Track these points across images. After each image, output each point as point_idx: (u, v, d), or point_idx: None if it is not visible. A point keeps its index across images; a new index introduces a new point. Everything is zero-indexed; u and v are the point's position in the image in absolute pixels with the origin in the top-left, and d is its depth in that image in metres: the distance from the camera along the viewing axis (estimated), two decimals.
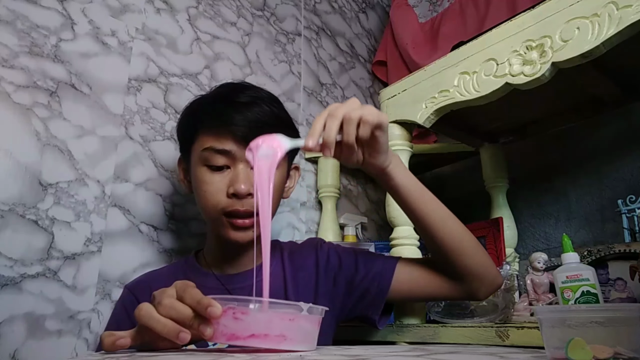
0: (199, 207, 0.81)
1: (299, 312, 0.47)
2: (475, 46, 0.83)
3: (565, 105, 1.01)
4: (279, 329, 0.46)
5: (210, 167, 0.76)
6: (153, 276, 0.83)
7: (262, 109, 0.76)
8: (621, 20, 0.64)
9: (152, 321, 0.48)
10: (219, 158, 0.75)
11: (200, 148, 0.76)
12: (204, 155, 0.76)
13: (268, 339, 0.45)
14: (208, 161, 0.76)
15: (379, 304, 0.79)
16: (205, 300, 0.47)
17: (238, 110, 0.75)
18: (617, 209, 0.96)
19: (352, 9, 1.63)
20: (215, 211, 0.76)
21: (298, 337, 0.47)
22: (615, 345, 0.36)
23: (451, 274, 0.75)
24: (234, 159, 0.75)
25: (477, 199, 1.22)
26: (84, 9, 0.95)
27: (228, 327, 0.46)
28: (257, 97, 0.78)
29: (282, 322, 0.46)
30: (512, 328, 0.71)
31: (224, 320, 0.46)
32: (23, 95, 0.84)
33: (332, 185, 1.26)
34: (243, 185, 0.73)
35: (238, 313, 0.46)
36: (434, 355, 0.46)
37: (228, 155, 0.75)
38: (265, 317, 0.46)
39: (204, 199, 0.77)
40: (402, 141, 0.95)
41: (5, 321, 0.76)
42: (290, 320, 0.47)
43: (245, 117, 0.74)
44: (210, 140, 0.76)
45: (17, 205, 0.80)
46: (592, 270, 0.68)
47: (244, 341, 0.45)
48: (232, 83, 0.84)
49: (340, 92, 1.49)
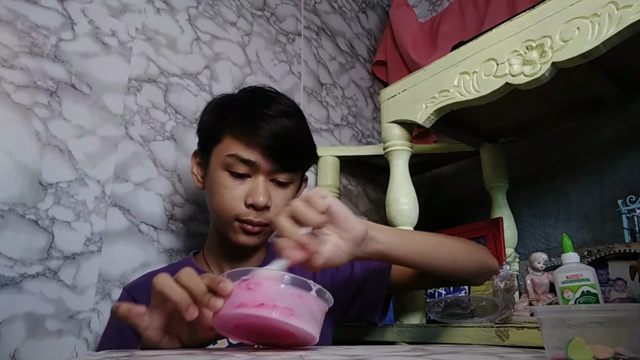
0: (211, 207, 0.81)
1: (308, 292, 0.48)
2: (475, 46, 0.83)
3: (565, 105, 1.01)
4: (288, 302, 0.46)
5: (232, 173, 0.77)
6: (151, 277, 0.83)
7: (289, 123, 0.77)
8: (621, 20, 0.64)
9: (169, 289, 0.49)
10: (242, 166, 0.76)
11: (225, 152, 0.77)
12: (228, 161, 0.76)
13: (276, 309, 0.45)
14: (231, 167, 0.77)
15: (377, 303, 0.79)
16: (218, 277, 0.48)
17: (268, 121, 0.76)
18: (617, 209, 0.96)
19: (352, 9, 1.63)
20: (229, 216, 0.77)
21: (305, 316, 0.47)
22: (615, 345, 0.36)
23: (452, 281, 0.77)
24: (256, 170, 0.77)
25: (477, 199, 1.22)
26: (84, 9, 0.95)
27: (238, 297, 0.46)
28: (286, 111, 0.78)
29: (291, 297, 0.46)
30: (512, 328, 0.71)
31: (237, 291, 0.47)
32: (23, 95, 0.84)
33: (332, 185, 1.26)
34: (262, 198, 0.75)
35: (251, 284, 0.47)
36: (434, 355, 0.46)
37: (252, 165, 0.76)
38: (276, 288, 0.47)
39: (220, 202, 0.77)
40: (402, 141, 0.95)
41: (5, 321, 0.76)
42: (300, 297, 0.47)
43: (274, 130, 0.75)
44: (237, 148, 0.76)
45: (17, 205, 0.80)
46: (592, 270, 0.68)
47: (252, 310, 0.45)
48: (262, 89, 0.84)
49: (340, 92, 1.49)
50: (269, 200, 0.76)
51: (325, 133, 1.40)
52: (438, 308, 0.88)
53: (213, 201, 0.79)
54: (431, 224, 1.18)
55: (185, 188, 1.03)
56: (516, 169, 1.20)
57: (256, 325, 0.47)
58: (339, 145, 1.42)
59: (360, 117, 1.54)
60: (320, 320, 0.49)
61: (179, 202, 1.02)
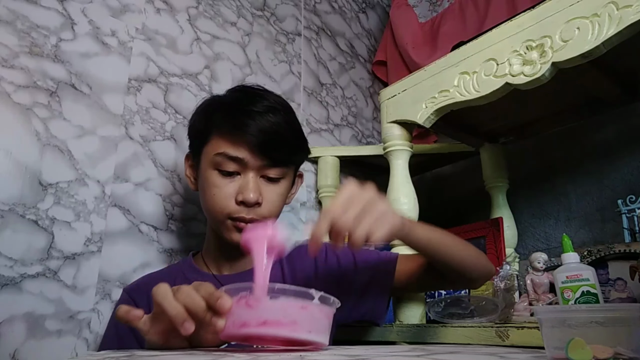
0: (204, 208, 0.81)
1: (311, 301, 0.47)
2: (475, 46, 0.83)
3: (565, 105, 1.01)
4: (291, 316, 0.45)
5: (221, 171, 0.77)
6: (151, 279, 0.83)
7: (276, 119, 0.77)
8: (621, 20, 0.64)
9: (166, 301, 0.49)
10: (231, 164, 0.76)
11: (214, 152, 0.77)
12: (217, 160, 0.77)
13: (280, 325, 0.45)
14: (220, 166, 0.77)
15: (381, 305, 0.80)
16: (217, 292, 0.48)
17: (254, 118, 0.76)
18: (617, 209, 0.95)
19: (352, 9, 1.63)
20: (221, 215, 0.77)
21: (310, 325, 0.47)
22: (615, 345, 0.36)
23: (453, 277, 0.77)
24: (245, 167, 0.77)
25: (477, 199, 1.22)
26: (84, 9, 0.95)
27: (240, 317, 0.46)
28: (272, 107, 0.78)
29: (293, 310, 0.46)
30: (512, 328, 0.70)
31: (237, 309, 0.46)
32: (23, 95, 0.84)
33: (332, 185, 1.26)
34: (252, 195, 0.75)
35: (251, 300, 0.46)
36: (434, 355, 0.46)
37: (241, 162, 0.76)
38: (277, 304, 0.46)
39: (211, 202, 0.77)
40: (402, 141, 0.95)
41: (5, 321, 0.76)
42: (302, 308, 0.46)
43: (260, 126, 0.75)
44: (224, 146, 0.76)
45: (17, 205, 0.80)
46: (592, 270, 0.68)
47: (256, 329, 0.45)
48: (248, 88, 0.84)
49: (340, 92, 1.49)
50: (259, 196, 0.76)
51: (325, 133, 1.40)
52: (438, 308, 0.88)
53: (205, 201, 0.79)
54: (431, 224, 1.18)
55: (185, 188, 1.03)
56: (516, 169, 1.20)
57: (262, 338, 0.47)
58: (339, 145, 1.42)
59: (360, 117, 1.54)
60: (328, 326, 0.49)
61: (179, 202, 1.02)
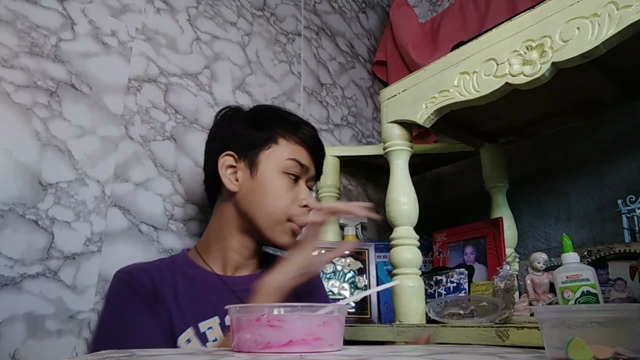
0: (261, 208, 0.81)
1: (332, 315, 0.49)
2: (475, 46, 0.83)
3: (565, 105, 1.01)
4: (315, 333, 0.47)
5: (290, 175, 0.83)
6: (153, 266, 0.81)
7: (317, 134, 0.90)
8: (621, 20, 0.64)
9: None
10: (299, 170, 0.84)
11: (284, 156, 0.82)
12: (288, 164, 0.82)
13: (305, 344, 0.46)
14: (290, 170, 0.82)
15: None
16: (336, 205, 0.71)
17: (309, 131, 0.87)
18: (617, 209, 0.95)
19: (352, 9, 1.63)
20: (283, 216, 0.81)
21: (333, 337, 0.49)
22: (615, 345, 0.36)
23: None
24: (304, 174, 0.85)
25: (477, 199, 1.22)
26: (84, 9, 0.95)
27: (263, 336, 0.46)
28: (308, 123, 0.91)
29: (316, 326, 0.47)
30: (512, 328, 0.70)
31: (259, 328, 0.46)
32: (23, 95, 0.84)
33: (332, 185, 1.26)
34: (312, 201, 0.84)
35: (274, 320, 0.46)
36: (434, 355, 0.46)
37: (305, 170, 0.85)
38: (302, 323, 0.47)
39: (275, 203, 0.81)
40: (402, 141, 0.95)
41: (5, 321, 0.76)
42: (325, 323, 0.48)
43: (315, 140, 0.88)
44: (296, 152, 0.84)
45: (17, 205, 0.80)
46: (592, 270, 0.68)
47: (281, 348, 0.45)
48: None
49: (340, 92, 1.49)
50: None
51: (325, 133, 1.40)
52: (438, 308, 0.88)
53: (266, 202, 0.81)
54: (431, 224, 1.18)
55: (185, 188, 1.03)
56: (516, 169, 1.20)
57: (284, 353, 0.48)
58: (339, 145, 1.42)
59: (360, 117, 1.54)
60: (343, 330, 0.52)
61: (179, 202, 1.02)
